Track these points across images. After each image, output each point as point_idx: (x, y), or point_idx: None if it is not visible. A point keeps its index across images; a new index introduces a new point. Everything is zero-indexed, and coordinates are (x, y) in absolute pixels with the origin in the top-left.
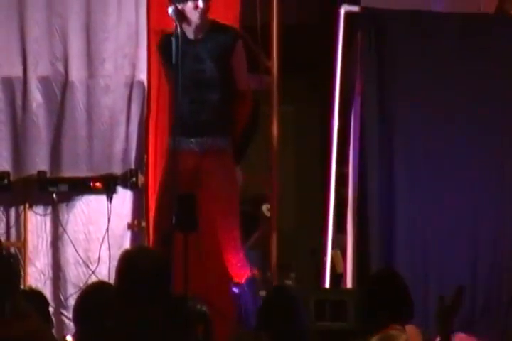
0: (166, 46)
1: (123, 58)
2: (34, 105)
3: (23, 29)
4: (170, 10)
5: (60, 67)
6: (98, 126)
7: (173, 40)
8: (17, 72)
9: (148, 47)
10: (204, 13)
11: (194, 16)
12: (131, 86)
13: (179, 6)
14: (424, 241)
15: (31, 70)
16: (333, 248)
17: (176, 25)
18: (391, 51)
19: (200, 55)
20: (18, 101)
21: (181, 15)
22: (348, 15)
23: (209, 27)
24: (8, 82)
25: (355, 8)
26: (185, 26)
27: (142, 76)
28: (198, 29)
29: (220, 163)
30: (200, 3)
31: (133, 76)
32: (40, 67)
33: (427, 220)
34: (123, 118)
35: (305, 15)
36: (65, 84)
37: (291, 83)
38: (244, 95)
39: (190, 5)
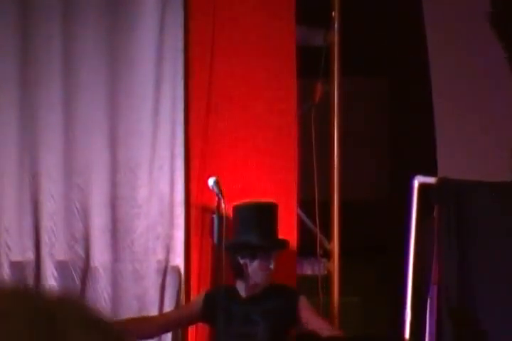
0: (210, 304)
1: (155, 239)
2: None
3: (37, 205)
4: (210, 181)
5: (80, 250)
6: None
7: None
8: (29, 255)
9: (185, 226)
10: (271, 274)
11: (257, 277)
12: (164, 272)
13: (241, 261)
14: None
15: (45, 253)
16: None
17: (219, 206)
18: (474, 230)
19: (251, 317)
20: None
21: (239, 270)
22: (422, 187)
23: (266, 285)
24: (19, 267)
25: (430, 180)
26: (239, 283)
27: (178, 261)
28: (253, 287)
29: None
30: (272, 266)
31: (167, 261)
32: (56, 250)
33: None
34: (154, 311)
35: (370, 189)
36: (86, 270)
37: (355, 269)
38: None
39: (256, 264)
